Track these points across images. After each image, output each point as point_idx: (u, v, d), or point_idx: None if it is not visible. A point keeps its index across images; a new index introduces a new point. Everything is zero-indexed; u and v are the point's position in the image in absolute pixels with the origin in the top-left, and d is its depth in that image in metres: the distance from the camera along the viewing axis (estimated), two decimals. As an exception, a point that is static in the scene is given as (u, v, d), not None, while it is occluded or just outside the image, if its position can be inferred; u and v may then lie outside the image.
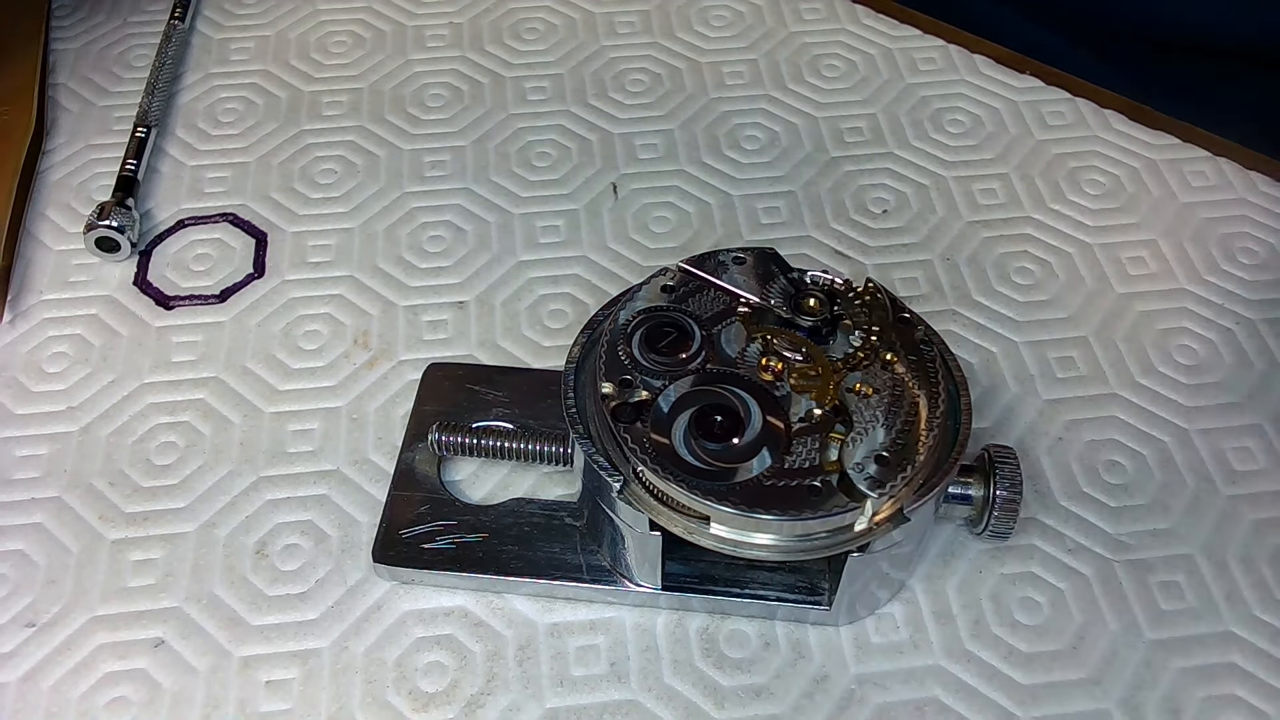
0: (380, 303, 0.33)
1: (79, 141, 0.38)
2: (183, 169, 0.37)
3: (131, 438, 0.30)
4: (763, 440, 0.24)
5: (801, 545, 0.24)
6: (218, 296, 0.33)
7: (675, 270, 0.28)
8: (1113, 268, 0.34)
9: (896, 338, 0.26)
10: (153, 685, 0.26)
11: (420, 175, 0.37)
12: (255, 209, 0.36)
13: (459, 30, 0.41)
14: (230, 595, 0.27)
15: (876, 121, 0.38)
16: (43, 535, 0.28)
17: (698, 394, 0.25)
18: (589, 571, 0.27)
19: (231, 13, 0.42)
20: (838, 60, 0.40)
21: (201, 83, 0.40)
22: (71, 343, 0.32)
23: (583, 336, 0.27)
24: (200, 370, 0.32)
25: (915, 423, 0.24)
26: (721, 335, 0.26)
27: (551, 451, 0.28)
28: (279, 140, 0.38)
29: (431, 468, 0.29)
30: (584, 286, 0.34)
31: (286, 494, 0.29)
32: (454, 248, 0.35)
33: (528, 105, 0.39)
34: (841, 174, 0.37)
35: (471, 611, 0.27)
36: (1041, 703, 0.26)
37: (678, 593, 0.27)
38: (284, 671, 0.26)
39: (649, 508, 0.25)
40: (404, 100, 0.39)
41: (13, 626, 0.27)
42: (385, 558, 0.27)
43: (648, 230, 0.35)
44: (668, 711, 0.25)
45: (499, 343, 0.32)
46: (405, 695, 0.26)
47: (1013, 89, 0.39)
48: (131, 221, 0.34)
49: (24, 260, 0.34)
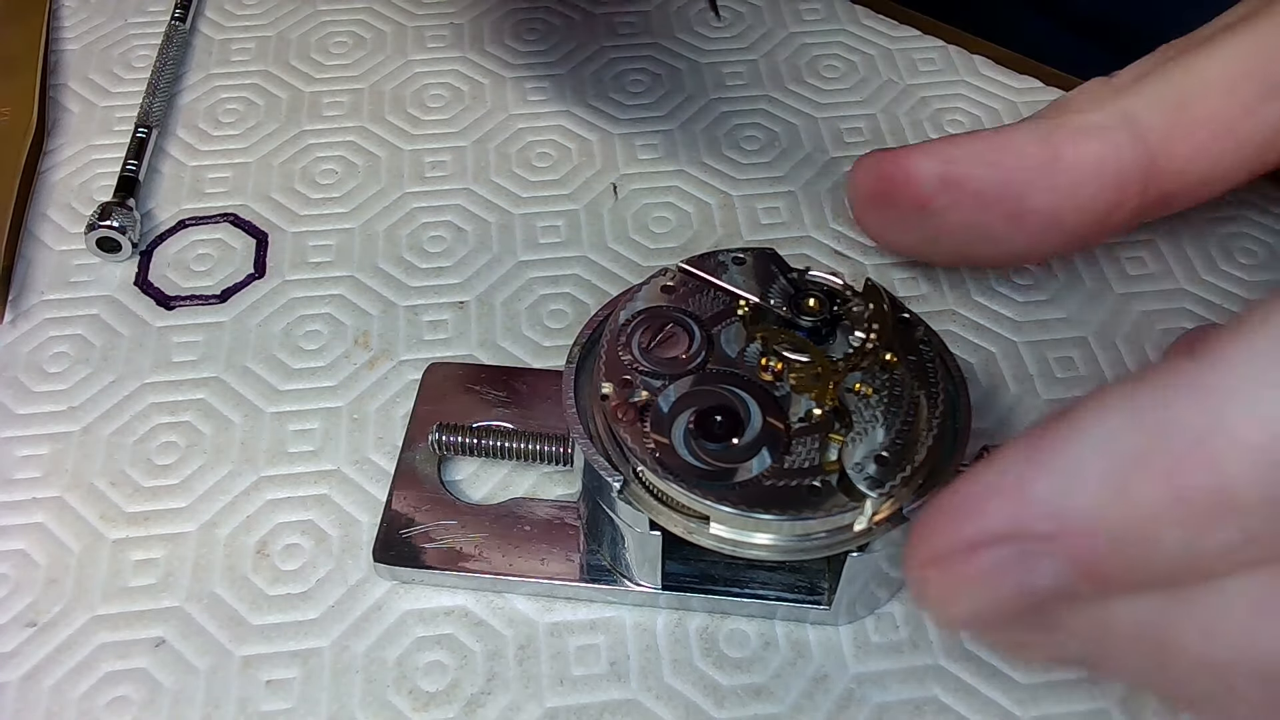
0: (381, 303, 0.33)
1: (80, 142, 0.38)
2: (184, 169, 0.37)
3: (132, 437, 0.30)
4: (763, 440, 0.24)
5: (801, 545, 0.24)
6: (218, 296, 0.33)
7: (675, 270, 0.28)
8: (1112, 268, 0.34)
9: (896, 338, 0.26)
10: (153, 685, 0.26)
11: (421, 175, 0.37)
12: (256, 209, 0.36)
13: (460, 31, 0.41)
14: (231, 595, 0.27)
15: (876, 122, 0.38)
16: (44, 535, 0.28)
17: (698, 394, 0.25)
18: (589, 571, 0.27)
19: (232, 13, 0.42)
20: (838, 61, 0.40)
21: (202, 83, 0.40)
22: (72, 343, 0.32)
23: (583, 336, 0.27)
24: (201, 370, 0.32)
25: (915, 423, 0.24)
26: (721, 335, 0.26)
27: (551, 451, 0.28)
28: (280, 140, 0.38)
29: (431, 468, 0.29)
30: (584, 286, 0.34)
31: (287, 494, 0.29)
32: (454, 248, 0.35)
33: (528, 106, 0.39)
34: (841, 174, 0.37)
35: (472, 611, 0.27)
36: (1041, 702, 0.26)
37: (678, 592, 0.27)
38: (284, 671, 0.26)
39: (649, 508, 0.25)
40: (404, 100, 0.39)
41: (13, 626, 0.27)
42: (386, 557, 0.27)
43: (648, 230, 0.35)
44: (668, 711, 0.25)
45: (499, 343, 0.32)
46: (405, 694, 0.26)
47: (1012, 89, 0.39)
48: (132, 222, 0.34)
49: (25, 260, 0.34)
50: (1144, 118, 0.27)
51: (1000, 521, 0.17)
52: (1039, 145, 0.27)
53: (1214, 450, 0.15)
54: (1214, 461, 0.15)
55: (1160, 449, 0.16)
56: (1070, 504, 0.17)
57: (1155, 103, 0.27)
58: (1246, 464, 0.15)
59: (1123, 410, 0.16)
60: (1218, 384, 0.16)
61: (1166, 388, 0.16)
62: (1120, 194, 0.27)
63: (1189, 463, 0.16)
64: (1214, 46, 0.27)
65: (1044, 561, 0.17)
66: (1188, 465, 0.16)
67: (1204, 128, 0.26)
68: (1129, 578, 0.17)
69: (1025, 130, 0.28)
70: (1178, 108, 0.27)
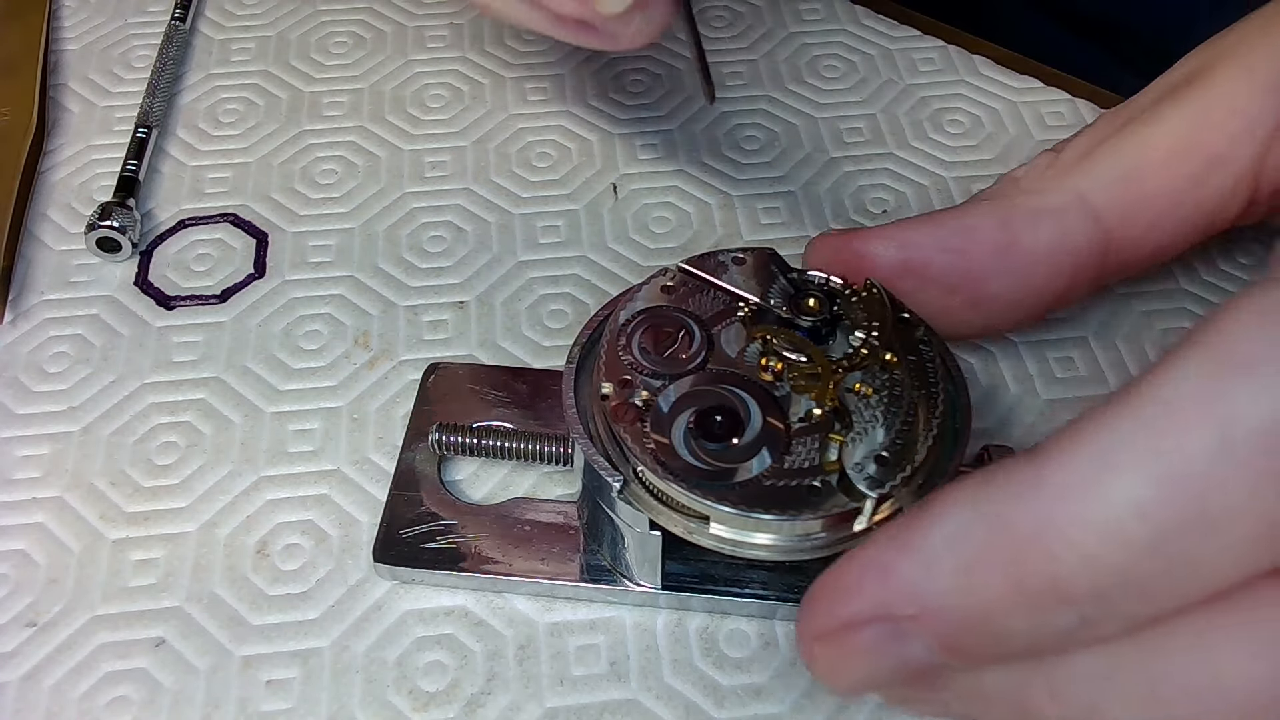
0: (380, 303, 0.33)
1: (80, 142, 0.38)
2: (183, 169, 0.37)
3: (132, 437, 0.30)
4: (763, 440, 0.24)
5: (801, 545, 0.24)
6: (218, 296, 0.33)
7: (675, 270, 0.28)
8: (1112, 268, 0.34)
9: (896, 338, 0.26)
10: (153, 685, 0.26)
11: (420, 175, 0.37)
12: (256, 209, 0.36)
13: (459, 31, 0.41)
14: (231, 595, 0.27)
15: (876, 122, 0.38)
16: (44, 535, 0.28)
17: (698, 394, 0.25)
18: (589, 571, 0.27)
19: (232, 13, 0.42)
20: (837, 61, 0.40)
21: (202, 83, 0.40)
22: (72, 343, 0.32)
23: (583, 336, 0.27)
24: (201, 370, 0.32)
25: (915, 423, 0.24)
26: (721, 335, 0.26)
27: (551, 451, 0.28)
28: (279, 140, 0.38)
29: (431, 468, 0.29)
30: (584, 286, 0.34)
31: (287, 494, 0.29)
32: (454, 248, 0.35)
33: (528, 106, 0.39)
34: (841, 174, 0.37)
35: (472, 611, 0.27)
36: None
37: (678, 592, 0.27)
38: (284, 671, 0.26)
39: (649, 508, 0.25)
40: (404, 100, 0.39)
41: (13, 626, 0.27)
42: (386, 557, 0.27)
43: (648, 230, 0.35)
44: (667, 711, 0.25)
45: (499, 343, 0.32)
46: (405, 694, 0.26)
47: (1012, 89, 0.39)
48: (132, 222, 0.34)
49: (25, 260, 0.34)
50: (1096, 197, 0.27)
51: (870, 603, 0.19)
52: (996, 231, 0.28)
53: (1047, 548, 0.17)
54: (1047, 558, 0.17)
55: (1001, 544, 0.18)
56: (928, 589, 0.18)
57: (1106, 182, 0.27)
58: (1075, 561, 0.17)
59: (971, 505, 0.18)
60: (1051, 487, 0.17)
61: (1007, 487, 0.18)
62: (1076, 273, 0.28)
63: (1025, 558, 0.17)
64: (1157, 119, 0.27)
65: (914, 639, 0.19)
66: (1024, 560, 0.17)
67: (1154, 203, 0.27)
68: (987, 653, 0.19)
69: (982, 214, 0.28)
70: (1128, 185, 0.27)
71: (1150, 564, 0.17)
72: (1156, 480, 0.16)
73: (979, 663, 0.19)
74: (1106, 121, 0.29)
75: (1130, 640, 0.18)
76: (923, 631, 0.19)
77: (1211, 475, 0.16)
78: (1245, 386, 0.16)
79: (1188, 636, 0.17)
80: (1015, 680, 0.19)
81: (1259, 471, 0.16)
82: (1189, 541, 0.16)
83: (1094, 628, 0.18)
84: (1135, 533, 0.17)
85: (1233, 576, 0.17)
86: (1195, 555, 0.17)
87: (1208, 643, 0.17)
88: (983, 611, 0.18)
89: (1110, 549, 0.17)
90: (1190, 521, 0.16)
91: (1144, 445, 0.17)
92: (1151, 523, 0.16)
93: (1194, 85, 0.27)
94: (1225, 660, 0.17)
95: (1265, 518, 0.16)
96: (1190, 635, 0.17)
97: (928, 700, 0.21)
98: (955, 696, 0.20)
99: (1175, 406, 0.17)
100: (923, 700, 0.21)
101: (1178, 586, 0.17)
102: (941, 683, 0.20)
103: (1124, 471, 0.17)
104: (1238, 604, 0.17)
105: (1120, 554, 0.17)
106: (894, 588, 0.19)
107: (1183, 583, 0.17)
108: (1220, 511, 0.16)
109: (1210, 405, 0.16)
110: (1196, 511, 0.16)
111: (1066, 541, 0.17)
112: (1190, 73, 0.28)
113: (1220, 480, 0.16)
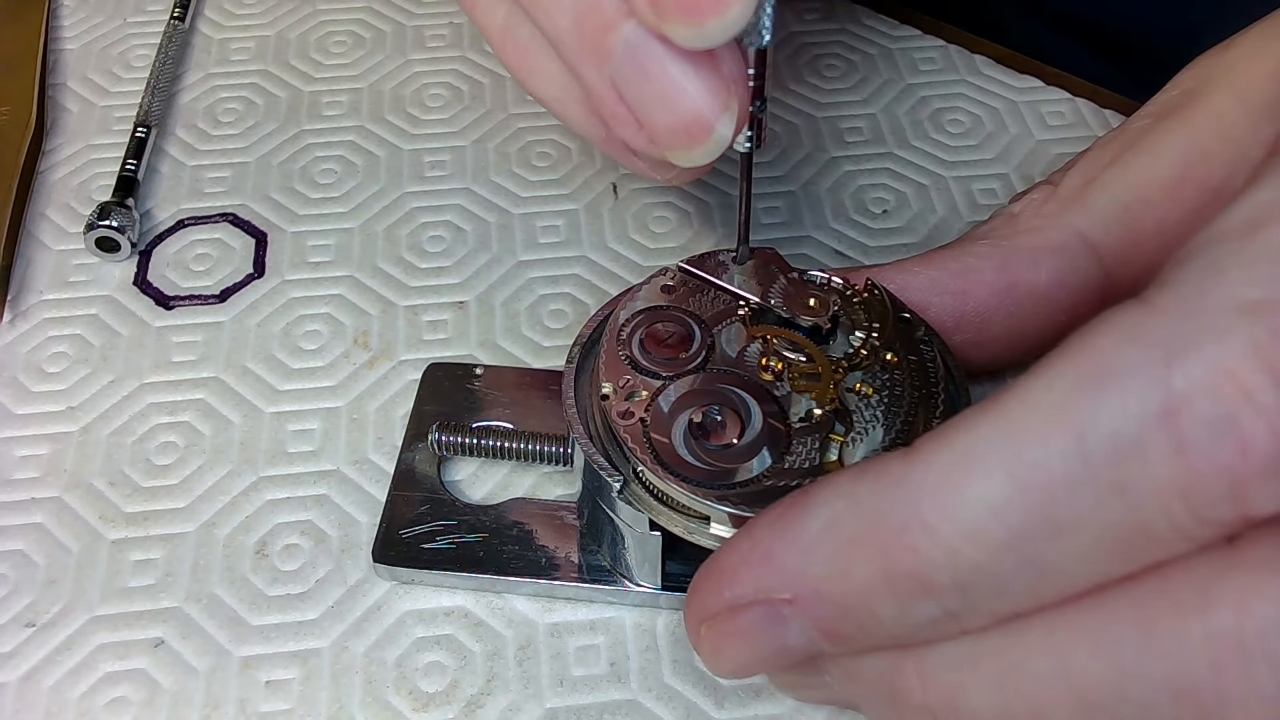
0: (380, 303, 0.33)
1: (79, 141, 0.38)
2: (183, 169, 0.37)
3: (131, 437, 0.30)
4: (763, 440, 0.24)
5: (801, 545, 0.24)
6: (218, 296, 0.33)
7: (675, 270, 0.28)
8: (1113, 268, 0.34)
9: (896, 338, 0.26)
10: (153, 685, 0.26)
11: (420, 175, 0.37)
12: (255, 209, 0.36)
13: (459, 30, 0.41)
14: (230, 595, 0.27)
15: (876, 121, 0.38)
16: (43, 535, 0.28)
17: (698, 394, 0.25)
18: (589, 571, 0.27)
19: (231, 13, 0.42)
20: (838, 60, 0.40)
21: (201, 83, 0.40)
22: (71, 342, 0.32)
23: (583, 336, 0.27)
24: (200, 370, 0.32)
25: (915, 423, 0.24)
26: (721, 335, 0.26)
27: (551, 451, 0.28)
28: (279, 140, 0.38)
29: (431, 468, 0.29)
30: (584, 286, 0.34)
31: (286, 494, 0.29)
32: (454, 248, 0.35)
33: (528, 105, 0.39)
34: (841, 174, 0.37)
35: (471, 611, 0.27)
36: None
37: (678, 593, 0.27)
38: (284, 671, 0.26)
39: (649, 508, 0.25)
40: (404, 100, 0.39)
41: (13, 626, 0.27)
42: (385, 558, 0.27)
43: (648, 230, 0.35)
44: (668, 711, 0.25)
45: (499, 343, 0.32)
46: (405, 695, 0.26)
47: (1013, 89, 0.39)
48: (131, 221, 0.34)
49: (24, 260, 0.34)
50: (1095, 234, 0.27)
51: (749, 587, 0.20)
52: (996, 273, 0.28)
53: (912, 540, 0.18)
54: (912, 549, 0.18)
55: (872, 534, 0.18)
56: (804, 574, 0.19)
57: (1105, 218, 0.27)
58: (938, 555, 0.18)
59: (848, 495, 0.19)
60: (918, 483, 0.18)
61: (880, 480, 0.19)
62: (1077, 310, 0.28)
63: (893, 548, 0.18)
64: (1153, 149, 0.27)
65: (792, 623, 0.20)
66: (892, 550, 0.18)
67: (1153, 238, 0.27)
68: (860, 639, 0.20)
69: (981, 255, 0.28)
70: (1127, 221, 0.27)
71: (1005, 563, 0.17)
72: (1013, 483, 0.17)
73: (854, 648, 0.20)
74: (1102, 148, 0.28)
75: (992, 632, 0.19)
76: (800, 615, 0.20)
77: (1063, 483, 0.17)
78: (1098, 399, 0.17)
79: (1041, 632, 0.18)
80: (888, 665, 0.20)
81: (1106, 483, 0.17)
82: (1040, 545, 0.17)
83: (958, 620, 0.18)
84: (992, 532, 0.17)
85: (1082, 582, 0.18)
86: (1046, 558, 0.17)
87: (1058, 640, 0.18)
88: (854, 598, 0.19)
89: (969, 545, 0.17)
90: (1041, 526, 0.17)
91: (1004, 449, 0.17)
92: (1006, 524, 0.17)
93: (1188, 109, 0.27)
94: (1071, 657, 0.18)
95: (1111, 528, 0.17)
96: (1043, 631, 0.18)
97: (811, 685, 0.22)
98: (835, 680, 0.21)
99: (1036, 414, 0.17)
100: (807, 685, 0.22)
101: (1032, 586, 0.18)
102: (822, 667, 0.21)
103: (984, 473, 0.17)
104: (1086, 606, 0.18)
105: (978, 551, 0.17)
106: (773, 571, 0.20)
107: (1036, 583, 0.18)
108: (1069, 518, 0.17)
109: (1066, 415, 0.17)
110: (1047, 517, 0.17)
111: (930, 535, 0.18)
112: (1186, 93, 0.27)
113: (1070, 488, 0.17)
